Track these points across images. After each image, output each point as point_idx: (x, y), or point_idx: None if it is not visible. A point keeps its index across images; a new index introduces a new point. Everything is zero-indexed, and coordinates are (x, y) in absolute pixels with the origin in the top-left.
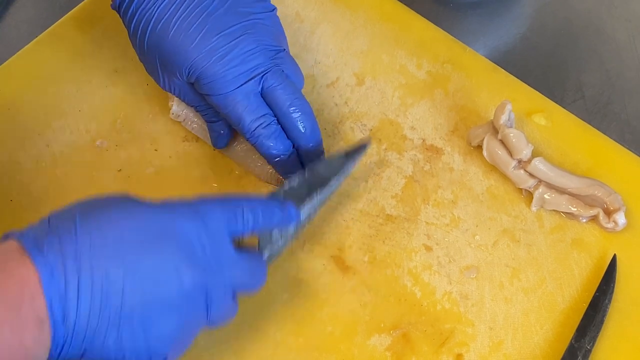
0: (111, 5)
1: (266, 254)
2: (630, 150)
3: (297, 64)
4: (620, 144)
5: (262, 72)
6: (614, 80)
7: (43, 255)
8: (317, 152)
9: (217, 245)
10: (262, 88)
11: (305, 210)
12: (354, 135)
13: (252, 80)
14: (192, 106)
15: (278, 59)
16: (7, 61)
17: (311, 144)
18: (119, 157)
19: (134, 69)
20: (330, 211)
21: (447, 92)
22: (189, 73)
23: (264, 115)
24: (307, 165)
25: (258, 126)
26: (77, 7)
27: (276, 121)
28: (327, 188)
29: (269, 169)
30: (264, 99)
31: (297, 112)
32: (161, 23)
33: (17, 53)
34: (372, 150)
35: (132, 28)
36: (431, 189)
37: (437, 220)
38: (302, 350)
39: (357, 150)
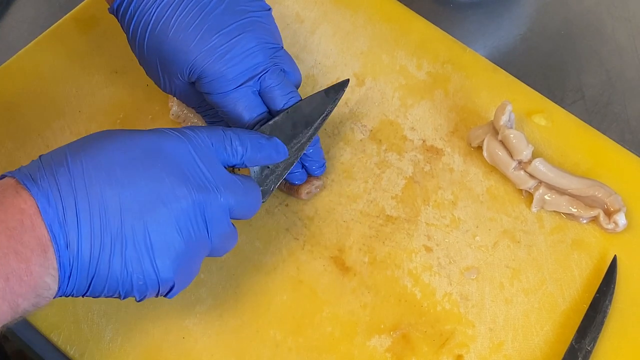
0: (108, 9)
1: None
2: (631, 150)
3: (294, 61)
4: (621, 144)
5: (261, 71)
6: (614, 80)
7: (37, 185)
8: (319, 156)
9: (207, 166)
10: (260, 87)
11: (292, 147)
12: (354, 135)
13: (252, 80)
14: (192, 107)
15: (277, 57)
16: (6, 61)
17: (310, 145)
18: None
19: (133, 69)
20: (330, 212)
21: (447, 93)
22: (189, 72)
23: (262, 113)
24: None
25: (256, 124)
26: (77, 7)
27: None
28: (312, 127)
29: None
30: (261, 97)
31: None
32: (160, 24)
33: (17, 53)
34: (372, 151)
35: (131, 31)
36: (431, 189)
37: (437, 221)
38: (302, 351)
39: (337, 88)
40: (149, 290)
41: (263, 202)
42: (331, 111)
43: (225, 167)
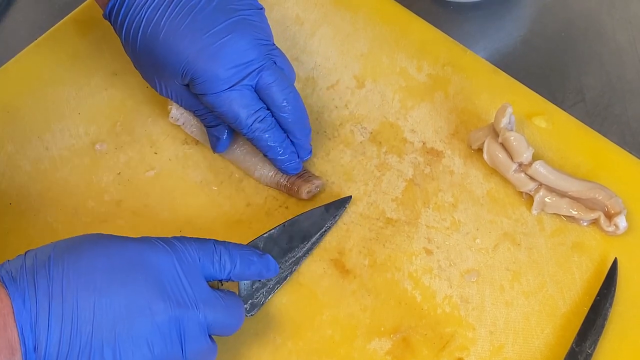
0: (103, 15)
1: (248, 303)
2: (631, 153)
3: (287, 58)
4: (621, 146)
5: (257, 68)
6: (614, 82)
7: (16, 285)
8: (308, 143)
9: (190, 280)
10: (257, 84)
11: (287, 260)
12: (354, 138)
13: (247, 78)
14: (190, 111)
15: (271, 54)
16: (6, 64)
17: (303, 136)
18: (119, 160)
19: (133, 71)
20: None
21: (447, 95)
22: (183, 74)
23: (259, 109)
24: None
25: (254, 120)
26: (76, 9)
27: (270, 114)
28: (309, 242)
29: (269, 172)
30: (258, 93)
31: (290, 105)
32: (151, 26)
33: (16, 56)
34: (372, 153)
35: (123, 35)
36: (431, 192)
37: (438, 223)
38: (302, 354)
39: (338, 204)
40: None
41: (253, 315)
42: (330, 227)
43: (210, 281)
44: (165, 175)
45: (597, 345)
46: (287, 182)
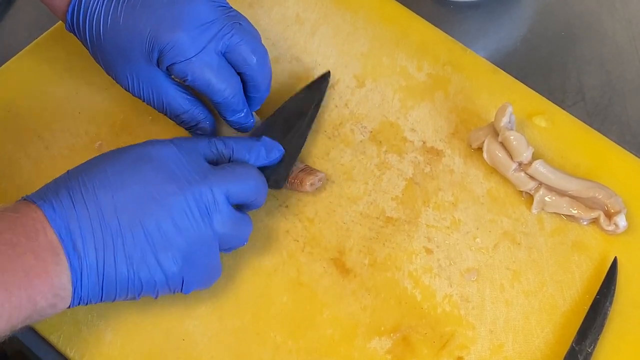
0: (66, 28)
1: (271, 180)
2: (631, 152)
3: (249, 21)
4: (621, 146)
5: (220, 29)
6: (614, 82)
7: (43, 199)
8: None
9: (194, 162)
10: (226, 47)
11: (292, 135)
12: (354, 137)
13: (213, 41)
14: (164, 113)
15: (231, 15)
16: (6, 63)
17: (266, 91)
18: None
19: None
20: (330, 214)
21: (447, 94)
22: (150, 49)
23: (231, 75)
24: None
25: (226, 88)
26: None
27: (239, 78)
28: (306, 117)
29: None
30: (227, 57)
31: (260, 62)
32: (110, 16)
33: (17, 55)
34: (372, 153)
35: (88, 37)
36: (432, 191)
37: (438, 222)
38: (302, 353)
39: (319, 81)
40: (158, 285)
41: (280, 188)
42: (322, 99)
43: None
44: None
45: (597, 344)
46: (289, 176)
